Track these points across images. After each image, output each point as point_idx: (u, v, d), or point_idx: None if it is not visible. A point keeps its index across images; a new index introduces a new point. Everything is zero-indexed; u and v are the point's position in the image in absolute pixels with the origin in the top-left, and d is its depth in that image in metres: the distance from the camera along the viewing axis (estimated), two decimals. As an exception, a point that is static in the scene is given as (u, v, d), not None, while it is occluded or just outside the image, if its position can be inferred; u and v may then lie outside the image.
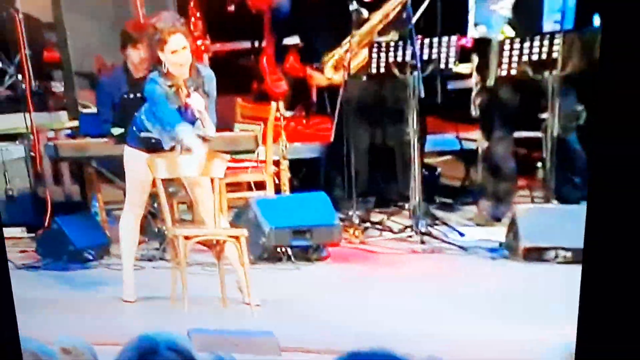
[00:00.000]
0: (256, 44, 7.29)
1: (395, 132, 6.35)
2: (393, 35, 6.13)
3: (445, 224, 6.01)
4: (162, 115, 4.83)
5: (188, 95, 4.74)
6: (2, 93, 6.54)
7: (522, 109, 5.99)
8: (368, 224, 6.05)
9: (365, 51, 6.08)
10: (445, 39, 5.87)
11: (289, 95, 6.93)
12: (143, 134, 4.96)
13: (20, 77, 6.43)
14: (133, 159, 5.00)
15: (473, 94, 6.04)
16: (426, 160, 6.63)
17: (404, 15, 5.93)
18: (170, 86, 4.78)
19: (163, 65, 4.76)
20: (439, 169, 6.82)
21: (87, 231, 5.65)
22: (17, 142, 6.17)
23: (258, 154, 5.90)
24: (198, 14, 7.23)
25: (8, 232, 5.85)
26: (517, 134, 6.16)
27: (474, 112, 6.07)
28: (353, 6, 6.09)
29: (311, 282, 5.25)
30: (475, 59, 5.99)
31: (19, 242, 5.74)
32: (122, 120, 5.70)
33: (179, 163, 4.88)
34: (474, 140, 6.74)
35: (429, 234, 5.79)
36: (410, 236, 5.83)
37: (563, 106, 5.73)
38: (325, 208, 5.74)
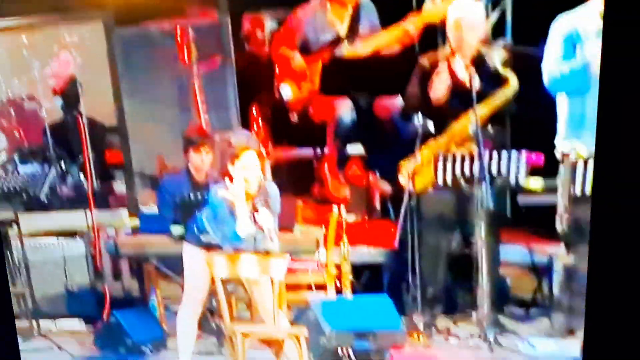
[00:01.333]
0: (318, 150, 7.42)
1: (464, 242, 6.36)
2: (467, 148, 6.17)
3: (515, 333, 5.91)
4: (225, 223, 5.00)
5: (256, 210, 4.91)
6: (65, 192, 6.73)
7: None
8: (433, 330, 6.00)
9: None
10: (515, 153, 5.87)
11: (352, 203, 6.99)
12: (203, 237, 5.06)
13: (82, 176, 6.62)
14: (192, 257, 5.10)
15: (560, 209, 6.01)
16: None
17: (472, 129, 5.98)
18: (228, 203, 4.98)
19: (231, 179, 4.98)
20: (508, 279, 6.75)
21: (144, 325, 5.72)
22: (77, 239, 6.31)
23: (320, 255, 5.94)
24: (260, 122, 7.44)
25: (67, 324, 5.98)
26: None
27: (560, 227, 6.03)
28: (419, 121, 6.18)
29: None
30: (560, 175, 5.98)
31: (78, 334, 5.79)
32: (182, 219, 5.82)
33: (239, 263, 4.98)
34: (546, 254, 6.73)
35: (498, 343, 5.69)
36: (477, 345, 5.74)
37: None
38: (388, 311, 5.71)
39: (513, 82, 6.06)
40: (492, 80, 6.11)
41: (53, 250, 6.31)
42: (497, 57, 6.13)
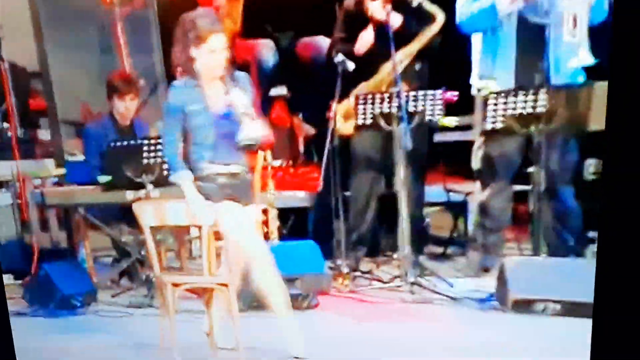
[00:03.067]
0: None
1: (385, 183, 6.59)
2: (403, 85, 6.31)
3: (434, 274, 6.22)
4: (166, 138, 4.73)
5: (227, 93, 4.57)
6: (-13, 141, 6.74)
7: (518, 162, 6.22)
8: (358, 273, 6.27)
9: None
10: (430, 92, 6.09)
11: (276, 145, 7.15)
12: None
13: (5, 125, 6.64)
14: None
15: (475, 146, 6.26)
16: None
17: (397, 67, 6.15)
18: (197, 86, 4.61)
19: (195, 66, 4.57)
20: (427, 220, 7.04)
21: (74, 278, 5.78)
22: (3, 189, 6.33)
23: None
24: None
25: (-6, 278, 6.07)
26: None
27: (475, 164, 6.28)
28: (338, 58, 6.32)
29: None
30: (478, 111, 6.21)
31: (6, 289, 5.83)
32: (109, 168, 5.92)
33: (167, 210, 4.94)
34: (460, 192, 7.01)
35: (419, 284, 5.96)
36: (399, 286, 6.02)
37: (552, 160, 5.98)
38: (314, 256, 5.96)
39: (439, 18, 6.23)
40: (416, 17, 6.29)
41: (-23, 201, 6.27)
42: None
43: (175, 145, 4.69)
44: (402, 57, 6.27)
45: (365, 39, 6.31)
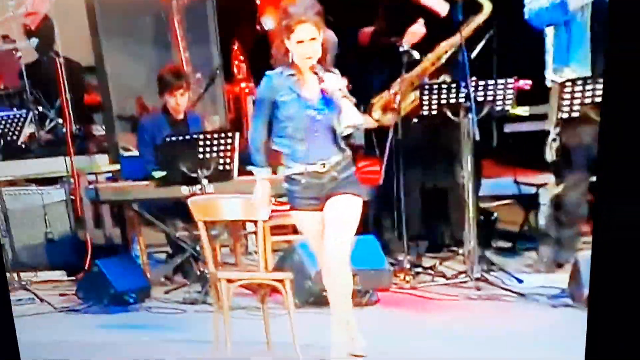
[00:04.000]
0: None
1: (448, 175, 6.48)
2: (445, 77, 6.28)
3: (502, 269, 6.08)
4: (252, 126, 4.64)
5: (322, 81, 4.46)
6: (43, 137, 6.83)
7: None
8: (420, 269, 6.18)
9: (416, 93, 6.23)
10: (501, 80, 5.96)
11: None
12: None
13: (60, 120, 6.72)
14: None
15: (550, 137, 6.12)
16: (482, 204, 6.71)
17: (459, 57, 6.07)
18: (291, 75, 4.52)
19: (290, 57, 4.49)
20: (495, 214, 6.90)
21: (127, 274, 5.82)
22: (57, 185, 6.41)
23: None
24: (242, 57, 7.50)
25: (48, 275, 6.16)
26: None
27: (549, 156, 6.14)
28: (403, 48, 6.24)
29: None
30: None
31: (59, 285, 5.94)
32: (164, 163, 5.93)
33: (222, 205, 4.97)
34: (533, 185, 6.84)
35: (485, 280, 5.85)
36: (464, 282, 5.91)
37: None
38: (374, 252, 5.88)
39: (487, 8, 6.12)
40: (464, 7, 6.17)
41: (32, 198, 6.38)
42: None
43: (260, 134, 4.62)
44: (447, 47, 6.18)
45: (416, 31, 6.24)
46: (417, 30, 6.25)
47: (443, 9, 6.16)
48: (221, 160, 5.87)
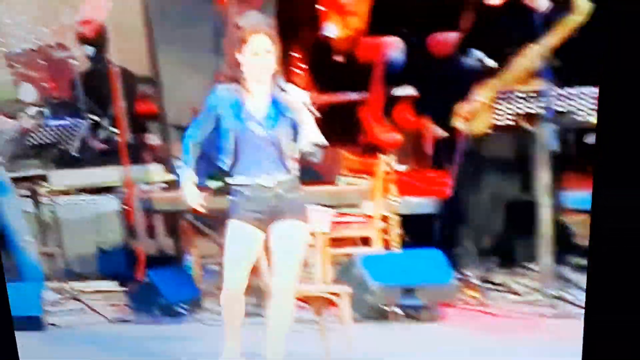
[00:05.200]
0: (364, 95, 7.45)
1: (522, 188, 6.36)
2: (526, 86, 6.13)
3: (579, 287, 5.88)
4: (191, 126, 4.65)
5: (284, 92, 4.36)
6: (96, 146, 6.91)
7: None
8: (489, 285, 6.07)
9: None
10: (584, 89, 5.81)
11: (401, 150, 7.04)
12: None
13: (115, 130, 6.79)
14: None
15: None
16: (559, 218, 6.57)
17: (542, 64, 5.93)
18: (238, 90, 4.45)
19: (241, 70, 4.42)
20: (573, 228, 6.75)
21: (179, 285, 5.88)
22: (110, 195, 6.49)
23: (364, 209, 6.04)
24: (302, 65, 7.51)
25: (100, 285, 6.23)
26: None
27: None
28: (475, 55, 6.15)
29: (421, 344, 5.22)
30: None
31: (110, 295, 6.00)
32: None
33: None
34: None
35: (561, 298, 5.72)
36: (537, 300, 5.80)
37: None
38: (439, 265, 5.77)
39: (583, 7, 5.89)
40: (559, 4, 6.05)
41: (85, 207, 6.50)
42: None
43: (195, 135, 4.61)
44: (540, 50, 6.05)
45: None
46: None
47: (543, 4, 6.02)
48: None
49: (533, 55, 5.96)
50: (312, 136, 4.41)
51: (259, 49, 4.36)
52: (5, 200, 5.95)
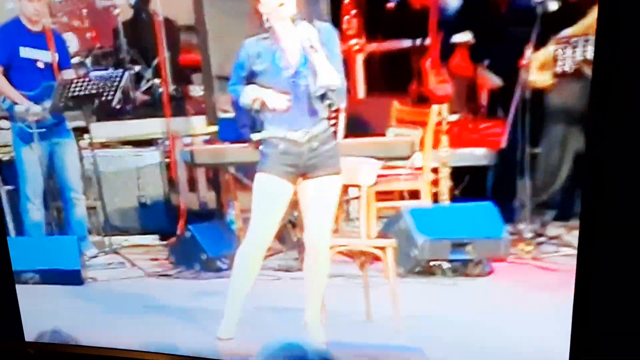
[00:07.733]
0: (418, 42, 7.51)
1: (582, 140, 6.40)
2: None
3: None
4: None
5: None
6: (138, 98, 7.09)
7: None
8: (543, 239, 6.15)
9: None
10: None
11: (454, 99, 7.10)
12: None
13: (157, 81, 6.97)
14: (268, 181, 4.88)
15: None
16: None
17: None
18: (265, 38, 4.63)
19: (264, 19, 4.61)
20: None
21: (221, 240, 6.03)
22: (152, 147, 6.68)
23: (414, 161, 6.14)
24: (353, 12, 7.59)
25: (140, 239, 6.43)
26: None
27: None
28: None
29: (469, 300, 5.38)
30: None
31: (151, 249, 6.23)
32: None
33: None
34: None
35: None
36: (594, 254, 5.87)
37: None
38: (491, 219, 5.88)
39: None
40: None
41: (126, 160, 6.68)
42: None
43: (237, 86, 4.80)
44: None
45: None
46: None
47: None
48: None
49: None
50: (320, 79, 4.54)
51: None
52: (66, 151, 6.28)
